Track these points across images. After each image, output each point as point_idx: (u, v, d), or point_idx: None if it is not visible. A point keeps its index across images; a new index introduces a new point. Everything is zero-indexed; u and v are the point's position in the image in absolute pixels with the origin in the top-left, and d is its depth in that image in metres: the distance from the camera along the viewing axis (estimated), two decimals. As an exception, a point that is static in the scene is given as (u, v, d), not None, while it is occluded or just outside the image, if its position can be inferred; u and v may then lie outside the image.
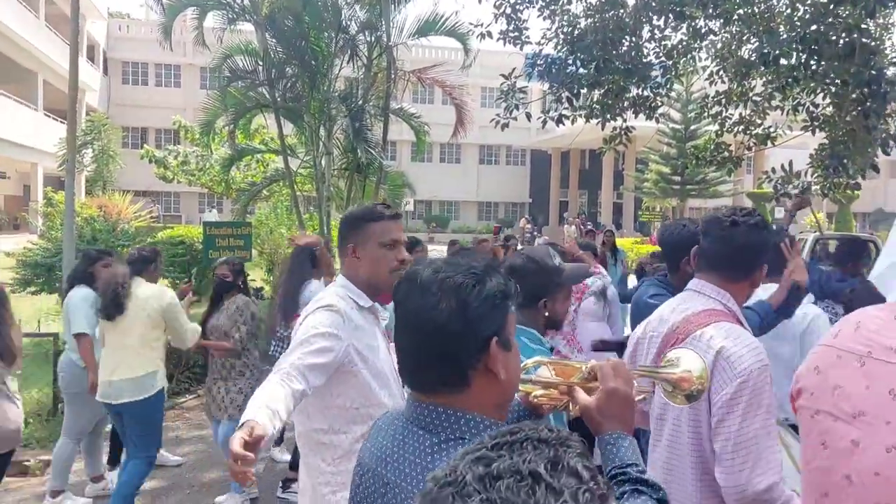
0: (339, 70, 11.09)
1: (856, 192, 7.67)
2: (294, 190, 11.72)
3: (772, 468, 1.77)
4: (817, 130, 7.49)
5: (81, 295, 4.77)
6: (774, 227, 4.72)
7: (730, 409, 1.81)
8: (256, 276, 12.60)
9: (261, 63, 10.53)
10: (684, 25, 7.74)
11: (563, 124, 7.83)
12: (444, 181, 43.24)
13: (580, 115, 7.88)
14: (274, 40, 10.43)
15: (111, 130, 30.10)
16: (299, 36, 10.16)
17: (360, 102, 10.62)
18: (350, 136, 10.57)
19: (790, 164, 8.06)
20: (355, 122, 10.28)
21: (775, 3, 7.61)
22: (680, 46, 8.02)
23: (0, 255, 7.67)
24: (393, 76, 10.96)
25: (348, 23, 10.65)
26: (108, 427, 5.20)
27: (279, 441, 5.73)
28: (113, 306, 4.28)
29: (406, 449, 1.24)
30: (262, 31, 10.42)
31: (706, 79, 8.67)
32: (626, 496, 1.19)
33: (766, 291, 3.07)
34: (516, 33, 7.59)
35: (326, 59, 10.52)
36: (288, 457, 5.31)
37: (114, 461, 5.28)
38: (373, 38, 10.88)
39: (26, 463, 5.47)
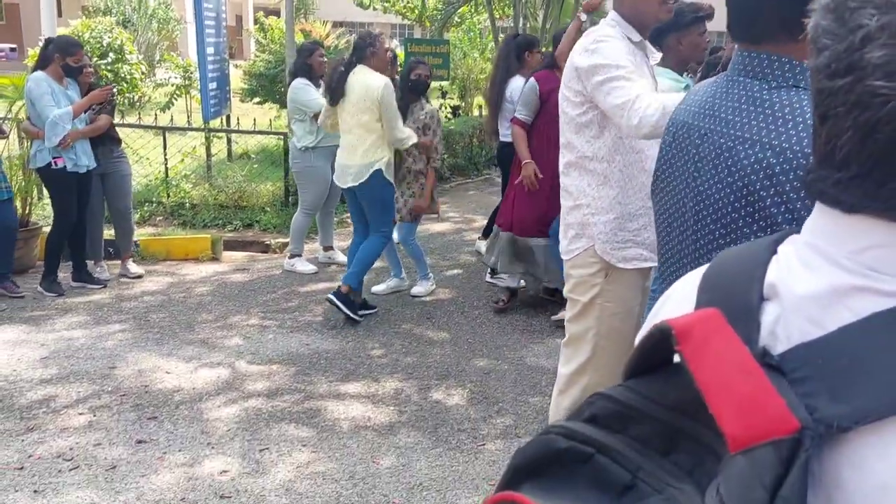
0: None
1: None
2: (492, 6, 11.49)
3: None
4: None
5: (302, 83, 5.31)
6: None
7: None
8: (454, 96, 12.93)
9: None
10: None
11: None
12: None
13: None
14: None
15: (311, -42, 30.73)
16: None
17: None
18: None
19: None
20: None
21: None
22: None
23: (231, 67, 8.41)
24: None
25: None
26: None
27: (486, 234, 6.09)
28: (330, 91, 4.53)
29: (730, 98, 1.23)
30: None
31: None
32: None
33: None
34: None
35: None
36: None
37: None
38: None
39: (267, 243, 6.34)
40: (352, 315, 4.50)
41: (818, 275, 0.53)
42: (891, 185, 0.50)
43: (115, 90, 5.57)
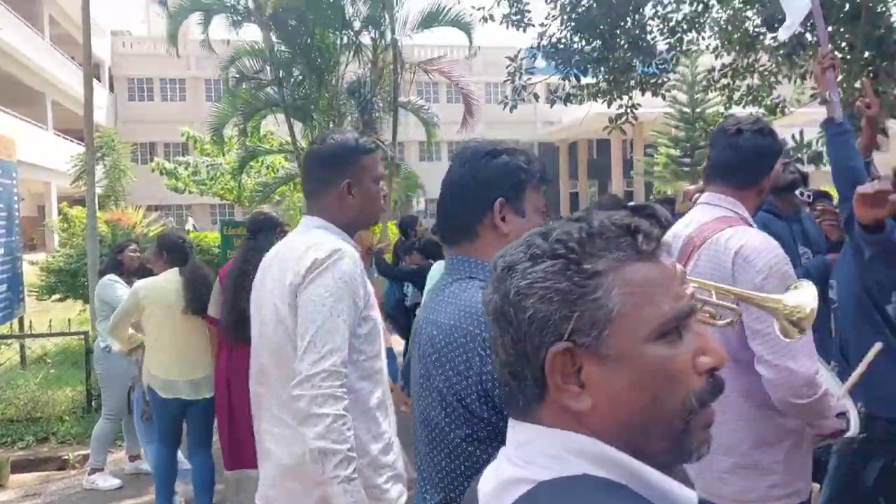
0: (346, 66, 11.19)
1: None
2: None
3: (813, 355, 1.81)
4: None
5: (111, 279, 4.99)
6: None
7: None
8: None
9: (268, 63, 10.65)
10: (687, 1, 7.78)
11: (571, 103, 7.89)
12: (453, 179, 43.21)
13: (587, 95, 7.94)
14: (279, 40, 10.55)
15: (120, 146, 30.36)
16: (304, 34, 10.28)
17: (369, 95, 10.73)
18: (360, 130, 10.68)
19: (801, 133, 8.10)
20: (364, 115, 10.40)
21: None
22: (684, 23, 8.05)
23: (25, 265, 7.80)
24: (399, 69, 11.05)
25: (352, 19, 10.75)
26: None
27: None
28: (200, 303, 4.05)
29: (433, 292, 1.53)
30: (266, 32, 10.54)
31: (712, 51, 8.68)
32: None
33: None
34: (519, 16, 7.65)
35: (332, 56, 10.63)
36: None
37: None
38: (377, 34, 10.98)
39: (65, 458, 5.61)
40: None
41: (497, 473, 0.68)
42: (517, 397, 0.68)
43: None
